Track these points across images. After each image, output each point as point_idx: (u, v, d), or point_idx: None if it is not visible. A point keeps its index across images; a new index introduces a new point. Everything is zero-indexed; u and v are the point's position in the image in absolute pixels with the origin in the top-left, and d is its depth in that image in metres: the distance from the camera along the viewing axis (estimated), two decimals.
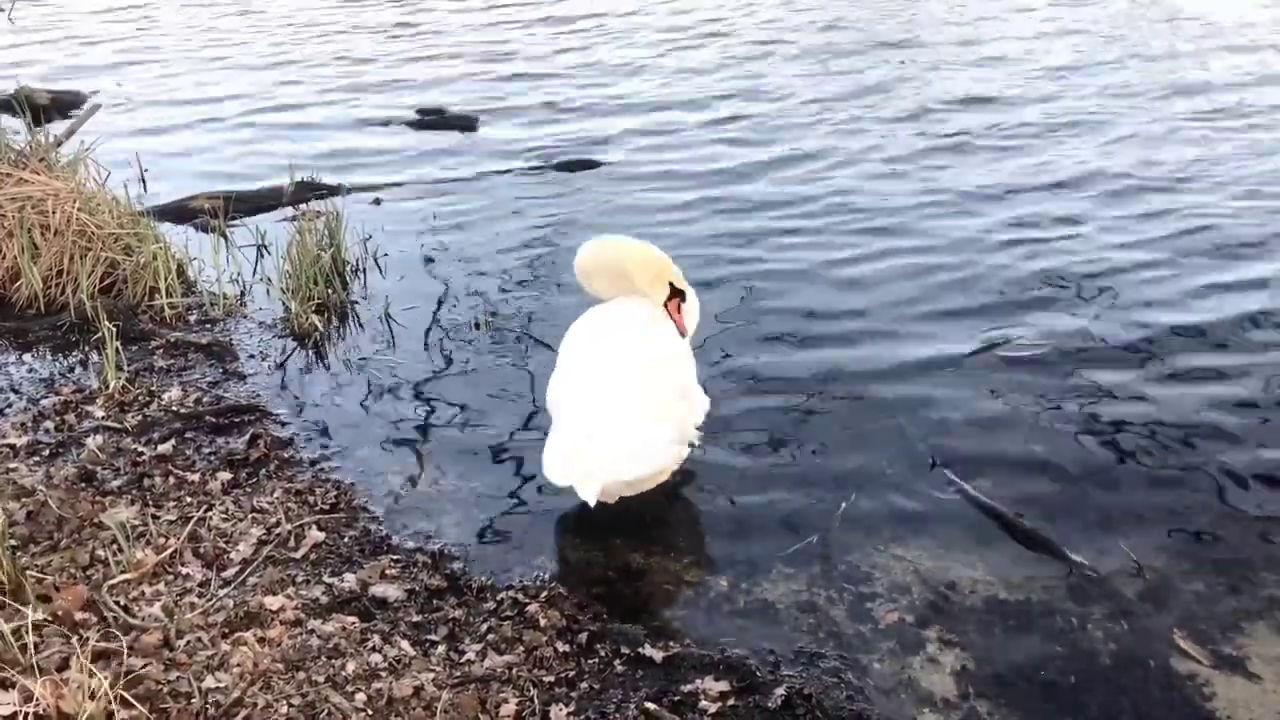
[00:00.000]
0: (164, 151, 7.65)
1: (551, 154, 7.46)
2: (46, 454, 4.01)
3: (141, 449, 4.03)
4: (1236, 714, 2.86)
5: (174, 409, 4.32)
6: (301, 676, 2.92)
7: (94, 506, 3.64)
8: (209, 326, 5.12)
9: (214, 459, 4.00)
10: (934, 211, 6.27)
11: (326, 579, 3.35)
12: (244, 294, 5.48)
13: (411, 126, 8.24)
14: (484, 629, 3.14)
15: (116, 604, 3.14)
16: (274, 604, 3.20)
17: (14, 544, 3.30)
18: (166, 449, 4.02)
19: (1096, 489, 3.78)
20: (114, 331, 4.55)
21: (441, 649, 3.06)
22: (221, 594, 3.25)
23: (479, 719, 2.81)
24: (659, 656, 3.03)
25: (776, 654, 3.08)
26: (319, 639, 3.06)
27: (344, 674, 2.93)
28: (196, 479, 3.85)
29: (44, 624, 3.01)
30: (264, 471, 3.93)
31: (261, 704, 2.82)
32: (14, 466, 3.91)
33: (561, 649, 3.06)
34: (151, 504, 3.70)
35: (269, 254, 5.83)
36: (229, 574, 3.35)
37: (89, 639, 2.94)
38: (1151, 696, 2.93)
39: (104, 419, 4.23)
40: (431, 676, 2.93)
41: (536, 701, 2.86)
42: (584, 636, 3.11)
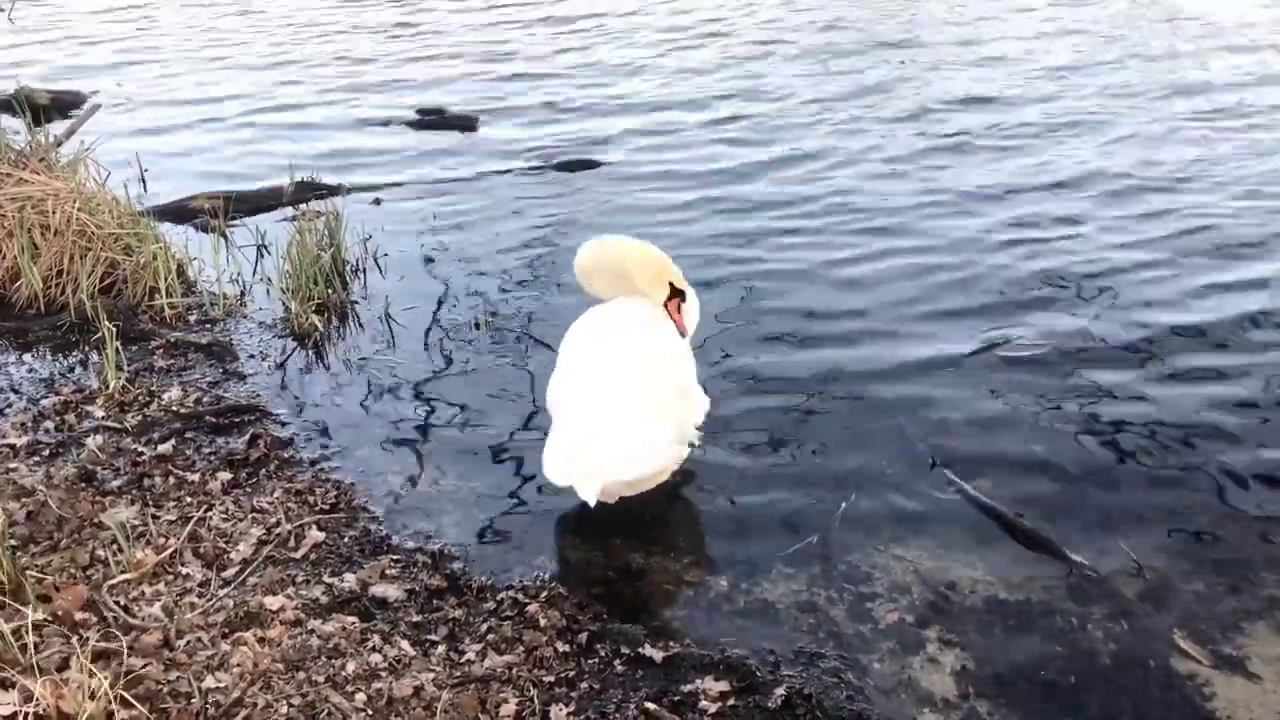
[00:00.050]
0: (164, 151, 7.65)
1: (551, 154, 7.46)
2: (46, 454, 4.01)
3: (141, 449, 4.03)
4: (1236, 714, 2.86)
5: (174, 409, 4.32)
6: (301, 676, 2.92)
7: (94, 506, 3.65)
8: (209, 326, 5.12)
9: (214, 459, 4.00)
10: (934, 211, 6.27)
11: (326, 579, 3.35)
12: (244, 294, 5.48)
13: (411, 126, 8.24)
14: (484, 629, 3.14)
15: (116, 604, 3.14)
16: (274, 604, 3.20)
17: (14, 544, 3.30)
18: (166, 449, 4.02)
19: (1096, 489, 3.78)
20: (114, 331, 4.55)
21: (441, 649, 3.06)
22: (221, 594, 3.25)
23: (479, 719, 2.81)
24: (659, 656, 3.03)
25: (776, 654, 3.08)
26: (319, 639, 3.06)
27: (344, 674, 2.93)
28: (196, 479, 3.85)
29: (44, 624, 3.01)
30: (264, 471, 3.93)
31: (261, 704, 2.82)
32: (14, 466, 3.91)
33: (561, 649, 3.06)
34: (151, 504, 3.70)
35: (269, 254, 5.83)
36: (229, 574, 3.36)
37: (89, 639, 2.94)
38: (1151, 696, 2.93)
39: (104, 419, 4.24)
40: (431, 676, 2.94)
41: (536, 701, 2.86)
42: (584, 636, 3.11)
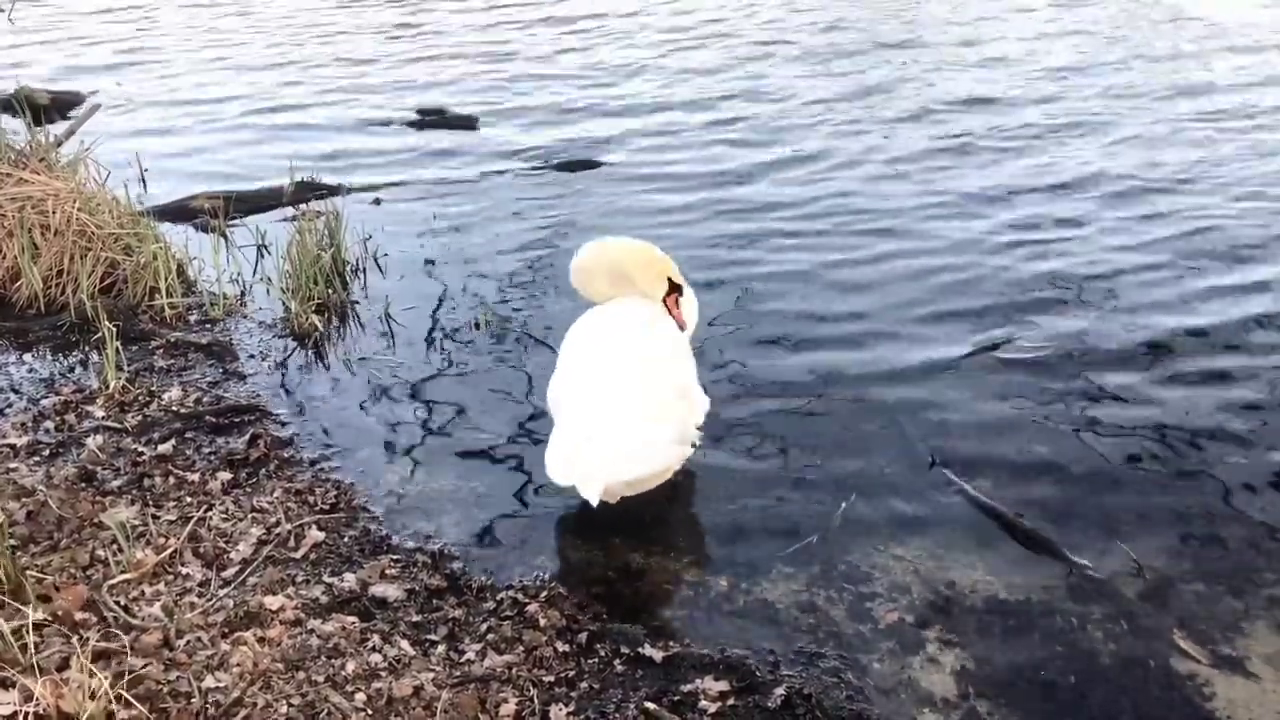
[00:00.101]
0: (164, 151, 7.63)
1: (552, 154, 7.46)
2: (46, 454, 4.01)
3: (141, 449, 4.03)
4: (1236, 714, 2.86)
5: (174, 409, 4.32)
6: (301, 676, 2.92)
7: (94, 506, 3.64)
8: (209, 326, 5.12)
9: (214, 459, 4.00)
10: (935, 213, 6.27)
11: (326, 579, 3.35)
12: (244, 294, 5.48)
13: (411, 126, 8.24)
14: (484, 629, 3.14)
15: (116, 604, 3.14)
16: (274, 604, 3.20)
17: (14, 544, 3.31)
18: (166, 449, 4.02)
19: (1097, 490, 3.78)
20: (114, 331, 4.55)
21: (441, 649, 3.06)
22: (221, 594, 3.25)
23: (479, 719, 2.81)
24: (659, 656, 3.03)
25: (776, 654, 3.08)
26: (319, 639, 3.06)
27: (344, 674, 2.93)
28: (196, 479, 3.85)
29: (44, 624, 3.01)
30: (264, 471, 3.93)
31: (261, 704, 2.82)
32: (14, 466, 3.91)
33: (561, 649, 3.06)
34: (151, 504, 3.70)
35: (269, 254, 5.83)
36: (229, 574, 3.35)
37: (89, 639, 2.94)
38: (1151, 696, 2.93)
39: (104, 419, 4.23)
40: (431, 676, 2.93)
41: (536, 701, 2.86)
42: (584, 636, 3.11)
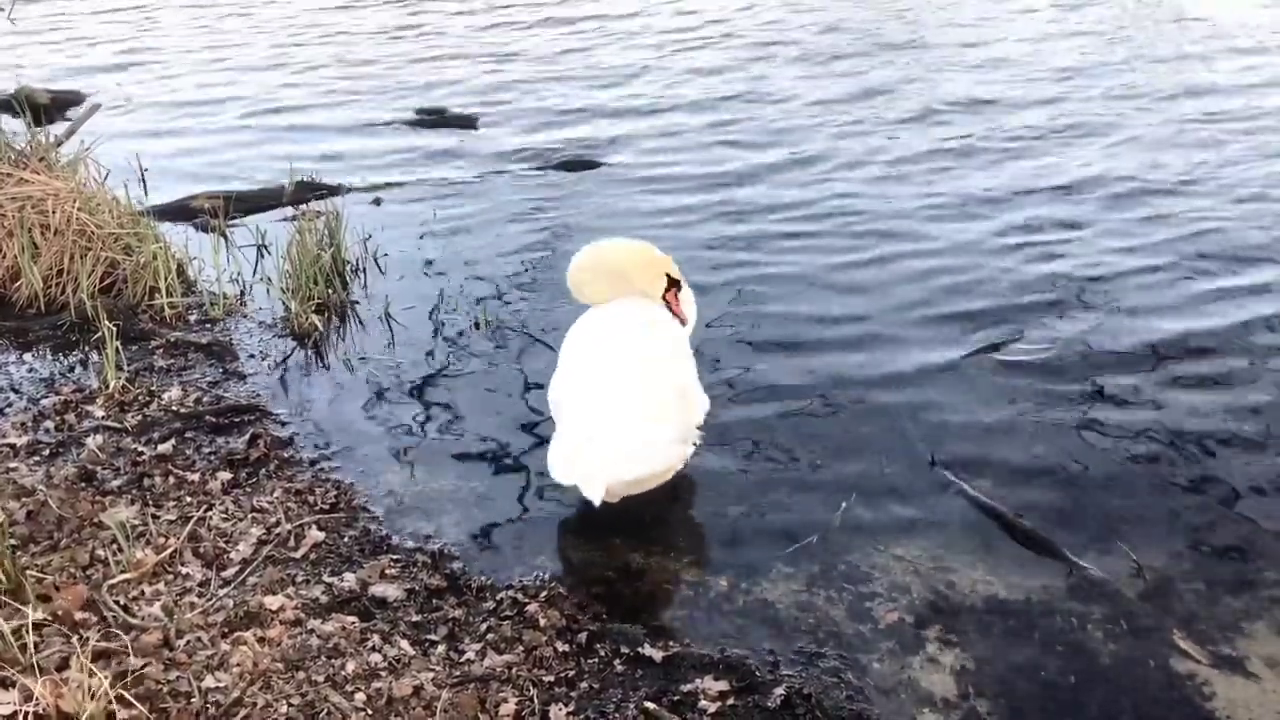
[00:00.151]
0: (164, 151, 7.62)
1: (552, 155, 7.46)
2: (46, 454, 4.01)
3: (141, 449, 4.03)
4: (1236, 714, 2.86)
5: (174, 409, 4.32)
6: (301, 676, 2.92)
7: (94, 506, 3.64)
8: (209, 326, 5.12)
9: (214, 459, 4.00)
10: (937, 215, 6.26)
11: (326, 579, 3.35)
12: (244, 294, 5.48)
13: (411, 127, 8.24)
14: (483, 629, 3.14)
15: (116, 604, 3.14)
16: (274, 604, 3.20)
17: (14, 544, 3.30)
18: (166, 449, 4.02)
19: (1097, 491, 3.78)
20: (114, 331, 4.55)
21: (441, 648, 3.06)
22: (221, 594, 3.25)
23: (479, 718, 2.81)
24: (659, 656, 3.03)
25: (776, 654, 3.08)
26: (319, 639, 3.06)
27: (344, 673, 2.93)
28: (196, 479, 3.85)
29: (44, 624, 3.01)
30: (264, 471, 3.93)
31: (261, 704, 2.82)
32: (14, 466, 3.91)
33: (561, 649, 3.06)
34: (151, 504, 3.70)
35: (269, 254, 5.83)
36: (229, 574, 3.35)
37: (89, 639, 2.94)
38: (1151, 697, 2.93)
39: (104, 419, 4.23)
40: (431, 676, 2.93)
41: (536, 701, 2.86)
42: (584, 636, 3.11)
